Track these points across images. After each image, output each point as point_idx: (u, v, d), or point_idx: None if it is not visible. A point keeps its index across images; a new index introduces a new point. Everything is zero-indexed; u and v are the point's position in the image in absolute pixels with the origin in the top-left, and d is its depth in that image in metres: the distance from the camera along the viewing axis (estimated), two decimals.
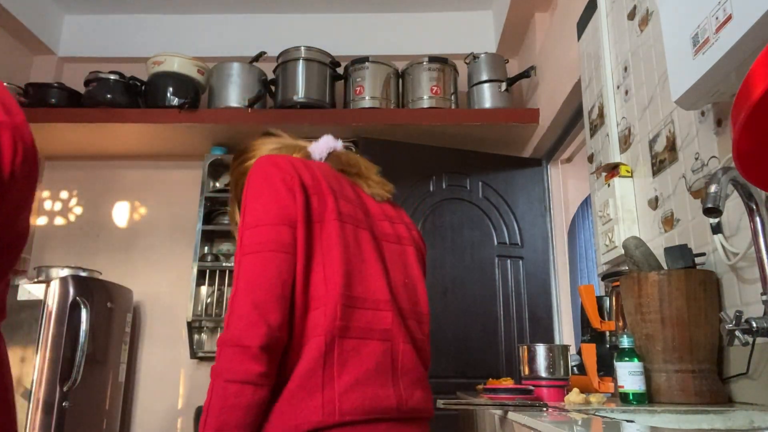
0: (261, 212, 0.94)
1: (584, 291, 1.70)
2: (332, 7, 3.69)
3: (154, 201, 3.59)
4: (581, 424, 0.86)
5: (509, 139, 3.34)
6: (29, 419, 2.51)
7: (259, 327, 0.86)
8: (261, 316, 0.86)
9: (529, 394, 1.36)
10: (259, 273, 0.89)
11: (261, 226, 0.92)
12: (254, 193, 0.96)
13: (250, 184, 0.97)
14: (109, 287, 3.00)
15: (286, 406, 0.89)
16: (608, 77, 1.99)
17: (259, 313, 0.86)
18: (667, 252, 1.33)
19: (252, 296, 0.87)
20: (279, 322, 0.88)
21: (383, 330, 0.97)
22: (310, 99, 3.17)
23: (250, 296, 0.88)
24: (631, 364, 1.22)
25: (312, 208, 0.96)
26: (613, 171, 1.83)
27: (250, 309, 0.87)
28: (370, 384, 0.93)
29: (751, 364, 1.18)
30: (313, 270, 0.94)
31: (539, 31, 3.19)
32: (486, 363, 2.89)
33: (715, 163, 1.34)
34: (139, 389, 3.30)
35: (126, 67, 3.43)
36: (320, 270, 0.94)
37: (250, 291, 0.88)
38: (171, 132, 3.28)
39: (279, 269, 0.90)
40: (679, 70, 1.21)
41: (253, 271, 0.89)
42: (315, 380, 0.90)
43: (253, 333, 0.86)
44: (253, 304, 0.87)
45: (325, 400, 0.89)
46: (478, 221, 3.10)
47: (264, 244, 0.91)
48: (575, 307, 3.10)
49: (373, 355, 0.95)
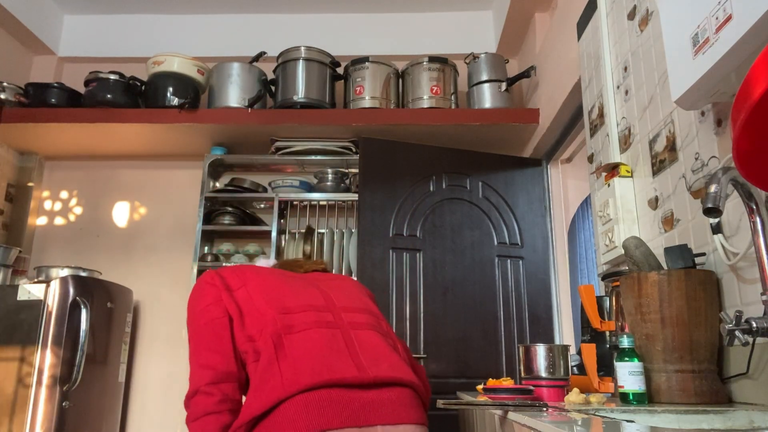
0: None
1: (584, 291, 1.69)
2: (332, 7, 3.70)
3: (154, 201, 3.59)
4: (581, 424, 0.86)
5: (509, 139, 3.34)
6: (29, 419, 2.51)
7: (204, 371, 1.17)
8: (203, 366, 1.18)
9: (529, 394, 1.36)
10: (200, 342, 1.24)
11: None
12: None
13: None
14: (109, 287, 3.00)
15: (251, 396, 1.11)
16: (608, 77, 1.99)
17: (201, 365, 1.18)
18: (667, 252, 1.33)
19: (193, 359, 1.21)
20: (220, 361, 1.18)
21: (327, 322, 1.24)
22: (310, 99, 3.17)
23: (192, 360, 1.21)
24: (631, 364, 1.22)
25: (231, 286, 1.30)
26: (613, 171, 1.83)
27: (194, 368, 1.19)
28: (325, 357, 1.15)
29: (751, 364, 1.18)
30: (245, 315, 1.24)
31: (539, 31, 3.19)
32: (486, 363, 2.89)
33: (715, 163, 1.34)
34: (138, 389, 3.30)
35: (126, 67, 3.43)
36: (250, 311, 1.25)
37: (193, 357, 1.22)
38: (171, 132, 3.28)
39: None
40: (679, 70, 1.21)
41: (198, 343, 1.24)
42: (273, 367, 1.13)
43: (198, 378, 1.16)
44: (197, 364, 1.19)
45: (284, 377, 1.10)
46: (478, 221, 3.10)
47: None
48: (575, 307, 3.10)
49: (323, 338, 1.19)
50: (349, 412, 1.08)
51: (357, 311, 1.33)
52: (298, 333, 1.19)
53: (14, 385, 2.56)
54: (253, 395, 1.11)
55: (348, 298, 1.36)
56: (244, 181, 3.34)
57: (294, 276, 1.40)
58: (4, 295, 2.69)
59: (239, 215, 3.32)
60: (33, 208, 3.52)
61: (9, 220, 3.43)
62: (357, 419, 1.08)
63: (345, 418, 1.07)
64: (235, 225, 3.30)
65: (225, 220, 3.31)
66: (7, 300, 2.66)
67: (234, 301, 1.25)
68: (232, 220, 3.31)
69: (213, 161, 3.34)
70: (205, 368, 1.16)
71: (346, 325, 1.26)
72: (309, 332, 1.20)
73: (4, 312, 2.65)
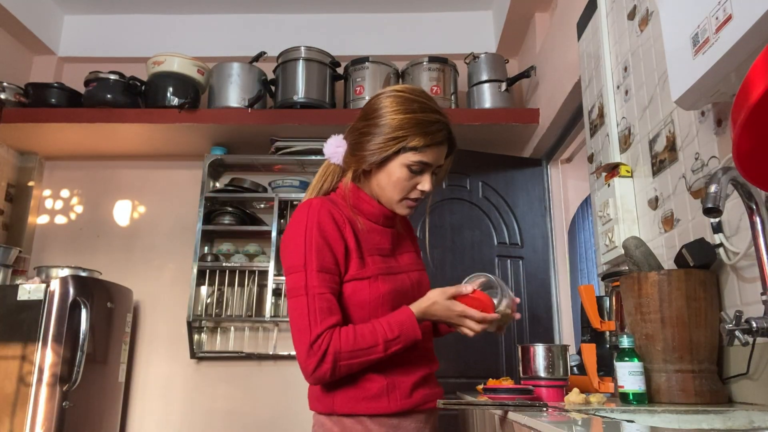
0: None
1: (584, 291, 1.69)
2: (332, 7, 3.69)
3: (154, 201, 3.59)
4: (581, 424, 0.86)
5: (509, 139, 3.34)
6: (29, 419, 2.51)
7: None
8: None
9: (529, 394, 1.36)
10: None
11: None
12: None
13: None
14: (109, 287, 3.00)
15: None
16: (608, 77, 1.99)
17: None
18: (688, 248, 1.31)
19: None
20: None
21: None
22: (310, 99, 3.17)
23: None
24: (631, 364, 1.22)
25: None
26: (613, 171, 1.83)
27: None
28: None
29: (751, 364, 1.18)
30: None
31: (539, 31, 3.19)
32: (486, 363, 2.88)
33: (715, 163, 1.34)
34: (138, 389, 3.30)
35: (126, 67, 3.43)
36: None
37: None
38: (171, 132, 3.28)
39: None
40: (679, 70, 1.21)
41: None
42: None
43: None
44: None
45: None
46: (478, 221, 3.10)
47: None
48: (575, 307, 3.10)
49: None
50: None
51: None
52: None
53: (14, 385, 2.56)
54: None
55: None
56: (244, 181, 3.34)
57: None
58: (4, 295, 2.69)
59: (239, 215, 3.32)
60: (33, 208, 3.52)
61: (9, 220, 3.43)
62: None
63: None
64: (235, 225, 3.30)
65: (225, 220, 3.31)
66: (7, 300, 2.66)
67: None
68: (232, 220, 3.31)
69: (213, 161, 3.34)
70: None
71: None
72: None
73: (5, 312, 2.65)
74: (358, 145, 1.20)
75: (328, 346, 1.07)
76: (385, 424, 1.14)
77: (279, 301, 3.35)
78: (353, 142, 1.22)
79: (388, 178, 1.20)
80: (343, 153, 1.24)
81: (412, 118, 1.17)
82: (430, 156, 1.19)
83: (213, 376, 3.31)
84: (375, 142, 1.18)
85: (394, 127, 1.17)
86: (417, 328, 1.13)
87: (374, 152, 1.18)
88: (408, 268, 1.27)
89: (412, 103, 1.19)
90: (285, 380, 3.28)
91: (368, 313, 1.16)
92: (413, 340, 1.13)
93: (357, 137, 1.21)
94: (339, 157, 1.25)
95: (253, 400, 3.27)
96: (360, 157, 1.20)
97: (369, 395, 1.14)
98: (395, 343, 1.11)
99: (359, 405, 1.14)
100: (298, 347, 1.10)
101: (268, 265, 3.18)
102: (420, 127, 1.17)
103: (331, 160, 1.27)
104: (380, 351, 1.10)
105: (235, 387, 3.29)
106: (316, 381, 1.11)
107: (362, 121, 1.22)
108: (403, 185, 1.20)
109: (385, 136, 1.17)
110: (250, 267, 3.22)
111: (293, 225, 1.17)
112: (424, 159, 1.18)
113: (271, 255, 3.18)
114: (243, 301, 3.29)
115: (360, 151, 1.20)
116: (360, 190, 1.25)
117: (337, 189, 1.27)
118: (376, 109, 1.21)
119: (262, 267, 3.20)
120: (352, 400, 1.14)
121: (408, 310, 1.15)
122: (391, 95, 1.21)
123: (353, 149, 1.22)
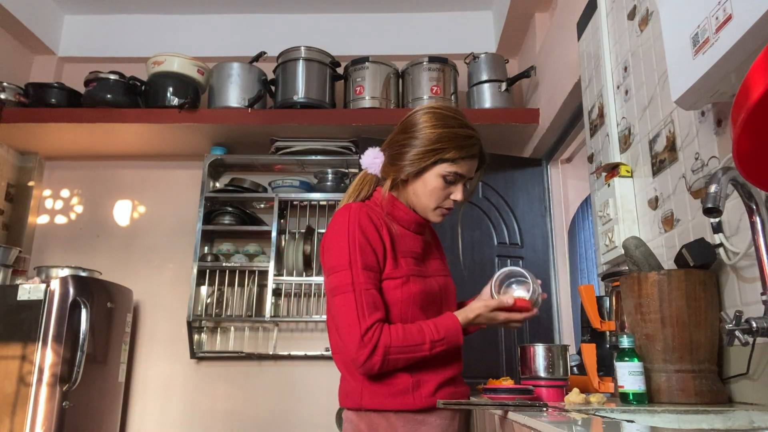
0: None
1: (584, 291, 1.69)
2: (332, 7, 3.69)
3: (154, 201, 3.59)
4: (581, 424, 0.86)
5: (509, 139, 3.34)
6: (29, 419, 2.51)
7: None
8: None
9: (529, 394, 1.36)
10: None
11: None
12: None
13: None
14: (109, 287, 3.00)
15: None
16: (608, 77, 1.99)
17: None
18: (688, 249, 1.31)
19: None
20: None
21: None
22: (310, 99, 3.17)
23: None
24: (631, 364, 1.22)
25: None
26: (613, 171, 1.83)
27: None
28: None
29: (751, 364, 1.18)
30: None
31: (539, 31, 3.19)
32: (486, 363, 2.88)
33: (715, 163, 1.34)
34: (138, 389, 3.30)
35: (126, 67, 3.43)
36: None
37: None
38: (171, 132, 3.28)
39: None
40: (679, 70, 1.21)
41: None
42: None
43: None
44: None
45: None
46: (478, 221, 3.10)
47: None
48: (575, 307, 3.10)
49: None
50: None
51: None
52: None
53: (14, 385, 2.56)
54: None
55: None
56: (244, 181, 3.34)
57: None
58: (4, 295, 2.69)
59: (239, 215, 3.32)
60: (33, 208, 3.52)
61: (9, 220, 3.43)
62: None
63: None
64: (235, 225, 3.30)
65: (225, 220, 3.31)
66: (7, 300, 2.66)
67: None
68: (232, 220, 3.31)
69: (213, 161, 3.34)
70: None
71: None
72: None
73: (5, 312, 2.65)
74: (398, 155, 1.30)
75: (379, 339, 1.15)
76: (411, 419, 1.20)
77: (279, 301, 3.35)
78: (393, 153, 1.32)
79: (425, 187, 1.29)
80: (380, 164, 1.34)
81: (449, 132, 1.27)
82: (463, 167, 1.29)
83: (213, 376, 3.31)
84: (414, 153, 1.27)
85: (432, 140, 1.27)
86: (461, 334, 1.22)
87: (413, 162, 1.27)
88: (436, 273, 1.36)
89: (449, 119, 1.30)
90: (285, 380, 3.28)
91: (399, 311, 1.23)
92: (455, 344, 1.23)
93: (397, 149, 1.31)
94: (376, 168, 1.35)
95: (253, 400, 3.27)
96: (399, 167, 1.29)
97: (395, 391, 1.20)
98: (440, 344, 1.19)
99: (386, 401, 1.20)
100: (348, 339, 1.15)
101: (268, 265, 3.18)
102: (456, 141, 1.27)
103: (369, 170, 1.37)
104: (426, 350, 1.18)
105: (235, 387, 3.29)
106: (366, 372, 1.18)
107: (401, 134, 1.32)
108: (438, 194, 1.29)
109: (424, 148, 1.27)
110: (250, 267, 3.22)
111: (335, 227, 1.25)
112: (458, 170, 1.28)
113: (271, 255, 3.17)
114: (243, 301, 3.29)
115: (399, 161, 1.29)
116: (396, 199, 1.34)
117: (372, 197, 1.36)
118: (414, 123, 1.31)
119: (262, 267, 3.20)
120: (379, 396, 1.20)
121: (453, 317, 1.24)
122: (429, 112, 1.31)
123: (393, 159, 1.31)
